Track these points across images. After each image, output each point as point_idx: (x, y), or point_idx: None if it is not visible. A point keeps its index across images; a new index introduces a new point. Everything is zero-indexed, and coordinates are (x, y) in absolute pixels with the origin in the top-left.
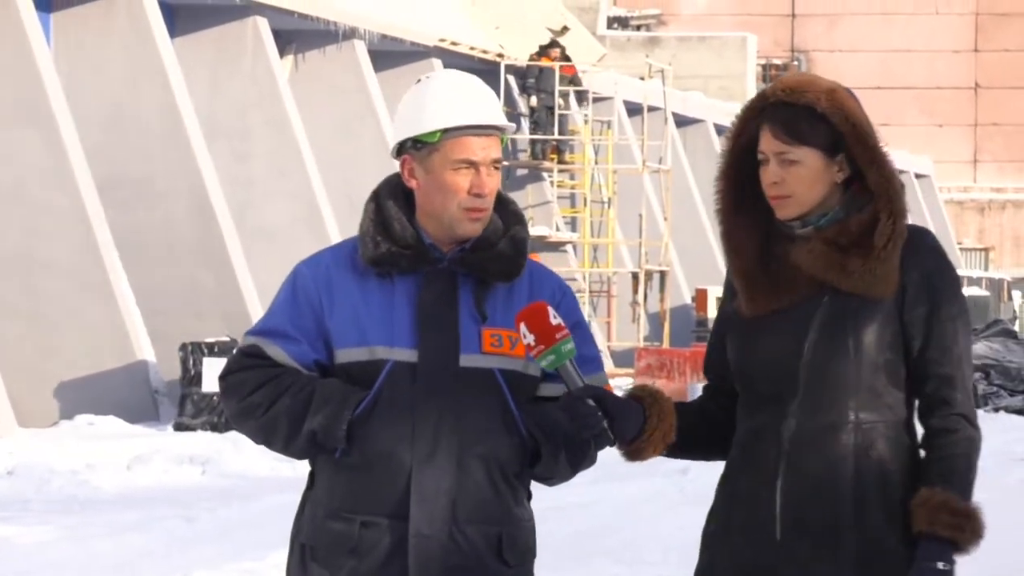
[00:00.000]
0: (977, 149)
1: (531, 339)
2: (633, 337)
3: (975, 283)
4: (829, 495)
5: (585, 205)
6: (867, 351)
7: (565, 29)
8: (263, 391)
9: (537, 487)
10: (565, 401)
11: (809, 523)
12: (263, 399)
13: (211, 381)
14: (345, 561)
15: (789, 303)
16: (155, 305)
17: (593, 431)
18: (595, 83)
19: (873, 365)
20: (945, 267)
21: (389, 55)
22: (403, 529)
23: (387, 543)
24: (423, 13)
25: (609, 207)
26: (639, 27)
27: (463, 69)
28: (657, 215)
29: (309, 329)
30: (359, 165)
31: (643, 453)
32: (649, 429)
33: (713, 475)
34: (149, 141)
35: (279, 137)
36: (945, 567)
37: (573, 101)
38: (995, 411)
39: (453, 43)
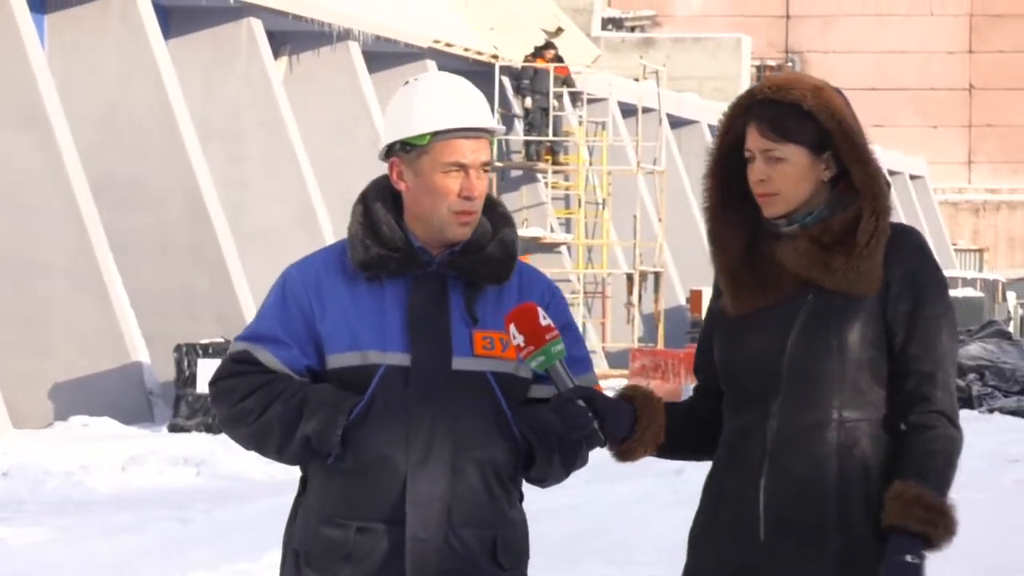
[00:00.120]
0: (972, 150)
1: (521, 340)
2: (628, 338)
3: (969, 284)
4: (813, 494)
5: (580, 206)
6: (851, 349)
7: (559, 30)
8: (254, 397)
9: (528, 488)
10: (555, 402)
11: (794, 522)
12: (255, 405)
13: (205, 382)
14: (340, 567)
15: (774, 301)
16: (149, 306)
17: (583, 432)
18: (589, 84)
19: (857, 363)
20: (930, 266)
21: (383, 56)
22: (399, 534)
23: (383, 548)
24: (417, 14)
25: (603, 208)
26: (633, 28)
27: (457, 70)
28: (652, 216)
29: (300, 334)
30: (353, 166)
31: (634, 453)
32: (639, 429)
33: (705, 476)
34: (143, 142)
35: (273, 138)
36: (914, 560)
37: (567, 102)
38: (990, 412)
39: (447, 44)
